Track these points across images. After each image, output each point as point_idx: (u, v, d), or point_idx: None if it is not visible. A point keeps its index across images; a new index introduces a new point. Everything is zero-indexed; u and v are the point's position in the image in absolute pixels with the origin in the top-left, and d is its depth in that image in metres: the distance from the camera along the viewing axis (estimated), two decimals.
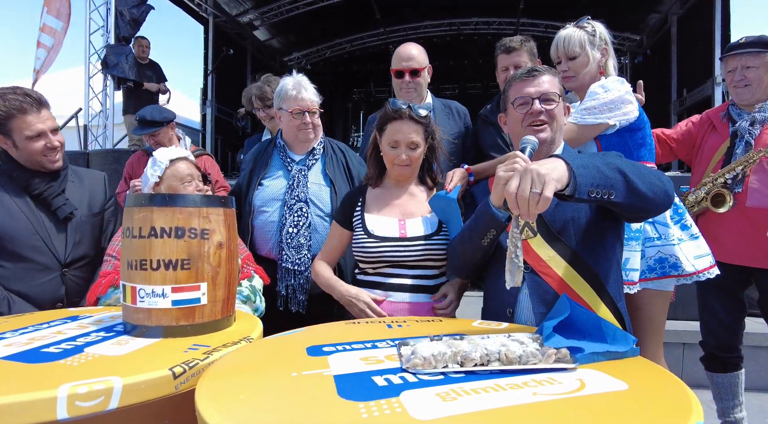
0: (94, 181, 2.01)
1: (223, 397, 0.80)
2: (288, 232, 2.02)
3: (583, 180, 1.08)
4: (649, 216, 1.36)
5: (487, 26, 9.74)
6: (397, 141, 1.64)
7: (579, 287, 1.32)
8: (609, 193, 1.11)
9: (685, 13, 7.55)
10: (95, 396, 0.84)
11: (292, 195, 2.04)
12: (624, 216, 1.34)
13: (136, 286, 1.18)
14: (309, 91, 2.08)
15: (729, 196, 2.11)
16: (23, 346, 1.08)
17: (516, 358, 0.92)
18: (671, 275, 1.75)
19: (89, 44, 6.44)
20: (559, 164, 1.09)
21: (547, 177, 1.03)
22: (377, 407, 0.74)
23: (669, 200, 1.24)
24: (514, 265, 1.13)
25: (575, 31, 1.88)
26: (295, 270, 2.01)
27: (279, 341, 1.19)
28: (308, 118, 2.07)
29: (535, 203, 1.03)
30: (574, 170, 1.08)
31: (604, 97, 1.77)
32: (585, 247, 1.35)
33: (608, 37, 1.92)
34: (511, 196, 1.06)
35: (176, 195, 1.24)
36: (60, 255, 1.80)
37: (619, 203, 1.15)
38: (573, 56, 1.87)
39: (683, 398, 0.78)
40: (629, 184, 1.14)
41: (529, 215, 1.05)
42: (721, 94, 6.44)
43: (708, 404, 2.37)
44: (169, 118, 2.85)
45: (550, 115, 1.44)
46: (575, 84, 1.92)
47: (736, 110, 2.21)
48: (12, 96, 1.72)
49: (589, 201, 1.13)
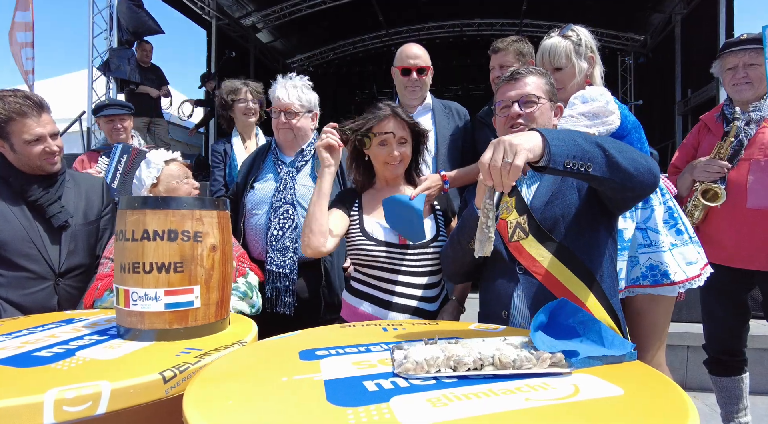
0: (91, 187, 1.98)
1: (211, 402, 0.79)
2: (273, 234, 2.01)
3: (558, 150, 1.07)
4: (637, 197, 1.31)
5: (490, 27, 9.73)
6: (386, 140, 1.64)
7: (572, 284, 1.31)
8: (587, 165, 1.10)
9: (688, 13, 7.50)
10: (83, 401, 0.83)
11: (278, 197, 2.03)
12: (612, 201, 1.32)
13: (129, 289, 1.17)
14: (287, 91, 2.06)
15: (718, 188, 2.06)
16: (15, 350, 1.07)
17: (510, 362, 0.91)
18: (663, 283, 1.72)
19: (92, 48, 6.47)
20: (533, 135, 1.09)
21: (519, 147, 1.04)
22: (366, 413, 0.73)
23: (654, 178, 1.22)
24: (484, 235, 1.14)
25: (560, 42, 1.81)
26: (281, 273, 1.98)
27: (272, 344, 1.18)
28: (283, 118, 2.07)
29: (507, 173, 1.04)
30: (549, 141, 1.07)
31: (581, 108, 1.72)
32: (577, 244, 1.34)
33: (594, 45, 1.86)
34: (485, 166, 1.07)
35: (169, 197, 1.23)
36: (54, 264, 1.77)
37: (600, 178, 1.13)
38: (559, 67, 1.81)
39: (680, 404, 0.76)
40: (608, 158, 1.12)
41: (502, 185, 1.06)
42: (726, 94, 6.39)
43: (713, 407, 2.34)
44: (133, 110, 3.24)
45: (529, 117, 1.44)
46: (563, 95, 1.82)
47: (730, 110, 2.17)
48: (12, 99, 1.71)
49: (565, 173, 1.11)
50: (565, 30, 1.85)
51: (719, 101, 6.38)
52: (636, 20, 8.55)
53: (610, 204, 1.35)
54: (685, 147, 2.35)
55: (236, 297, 1.73)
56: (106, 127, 3.10)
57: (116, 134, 3.19)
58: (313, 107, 2.15)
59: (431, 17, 9.72)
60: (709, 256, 1.86)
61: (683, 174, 2.21)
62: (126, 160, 2.73)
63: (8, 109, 1.69)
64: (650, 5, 7.95)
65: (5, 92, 1.73)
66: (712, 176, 2.08)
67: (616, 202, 1.34)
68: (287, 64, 10.48)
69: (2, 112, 1.69)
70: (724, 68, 2.20)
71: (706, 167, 2.08)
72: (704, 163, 2.10)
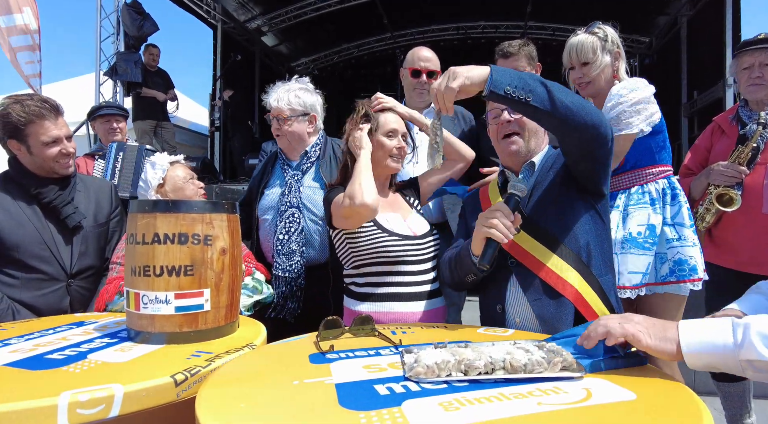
0: (100, 190, 2.01)
1: (223, 406, 0.79)
2: (278, 239, 1.99)
3: (500, 78, 1.18)
4: (586, 139, 1.27)
5: (495, 30, 9.71)
6: (394, 130, 1.70)
7: (559, 268, 1.35)
8: (526, 95, 1.17)
9: (694, 15, 7.47)
10: (96, 404, 0.84)
11: (283, 201, 2.03)
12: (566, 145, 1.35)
13: (139, 292, 1.18)
14: (277, 96, 2.06)
15: (733, 193, 2.04)
16: (28, 352, 1.08)
17: (521, 366, 0.90)
18: (689, 279, 1.74)
19: (100, 51, 6.52)
20: (480, 67, 1.21)
21: (459, 74, 1.20)
22: (378, 417, 0.73)
23: (599, 119, 1.25)
24: (433, 149, 1.36)
25: (587, 37, 1.87)
26: (287, 277, 1.97)
27: (282, 347, 1.18)
28: (275, 124, 2.08)
29: (442, 95, 1.22)
30: (492, 71, 1.19)
31: (631, 98, 1.73)
32: (558, 227, 1.38)
33: (619, 41, 1.91)
34: (432, 91, 1.26)
35: (180, 201, 1.24)
36: (66, 265, 1.80)
37: (540, 110, 1.19)
38: (586, 62, 1.86)
39: (693, 409, 0.76)
40: (549, 92, 1.19)
41: (444, 107, 1.24)
42: (733, 96, 6.35)
43: (720, 411, 2.32)
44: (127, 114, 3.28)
45: (519, 123, 1.47)
46: (592, 90, 1.90)
47: (746, 112, 2.14)
48: (30, 102, 1.75)
49: (506, 99, 1.19)
50: (591, 27, 1.91)
51: (725, 103, 6.37)
52: (641, 22, 8.52)
53: (576, 171, 1.38)
54: (697, 149, 2.33)
55: (245, 295, 1.76)
56: (102, 128, 3.11)
57: (112, 134, 3.20)
58: (308, 110, 2.09)
59: (436, 20, 9.72)
60: (721, 260, 1.85)
61: (699, 177, 2.18)
62: (122, 158, 2.78)
63: (28, 112, 1.73)
64: (655, 7, 7.93)
65: (23, 96, 1.78)
66: (729, 181, 2.05)
67: (578, 164, 1.37)
68: (292, 67, 10.51)
69: (22, 115, 1.72)
70: (740, 68, 2.17)
71: (724, 171, 2.05)
72: (722, 167, 2.07)
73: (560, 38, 9.43)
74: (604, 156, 1.34)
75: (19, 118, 1.72)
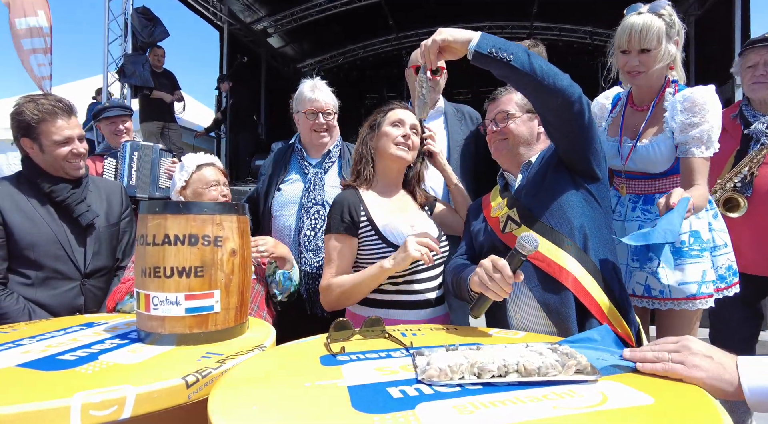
0: (111, 191, 2.03)
1: (236, 408, 0.79)
2: (306, 235, 2.03)
3: (485, 41, 1.28)
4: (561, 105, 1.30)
5: (500, 31, 9.67)
6: (401, 120, 1.69)
7: (556, 256, 1.35)
8: (508, 57, 1.26)
9: (703, 14, 7.42)
10: (109, 405, 0.83)
11: (309, 198, 2.05)
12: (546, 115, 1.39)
13: (149, 293, 1.18)
14: (323, 92, 2.11)
15: (741, 198, 2.02)
16: (40, 353, 1.08)
17: (535, 369, 0.89)
18: (733, 283, 1.71)
19: (107, 53, 6.57)
20: (469, 31, 1.31)
21: (445, 33, 1.32)
22: (393, 420, 0.72)
23: (571, 86, 1.29)
24: (420, 100, 1.43)
25: (653, 21, 1.59)
26: (314, 273, 2.00)
27: (292, 349, 1.18)
28: (321, 119, 2.10)
29: (426, 48, 1.33)
30: (481, 34, 1.29)
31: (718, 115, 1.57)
32: (551, 211, 1.40)
33: (681, 26, 1.68)
34: (421, 49, 1.37)
35: (190, 202, 1.24)
36: (80, 265, 1.82)
37: (519, 71, 1.26)
38: (647, 49, 1.61)
39: (711, 413, 0.75)
40: (530, 59, 1.27)
41: (429, 60, 1.34)
42: (742, 96, 6.30)
43: None
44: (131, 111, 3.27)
45: (503, 132, 1.57)
46: (643, 81, 1.69)
47: (750, 111, 2.11)
48: (44, 100, 1.77)
49: (489, 59, 1.27)
50: (656, 7, 1.63)
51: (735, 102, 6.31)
52: None
53: (563, 152, 1.42)
54: None
55: (292, 285, 1.84)
56: (108, 130, 3.09)
57: (119, 135, 3.21)
58: (337, 109, 2.22)
59: (441, 20, 9.66)
60: None
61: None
62: (137, 157, 2.77)
63: (41, 111, 1.75)
64: None
65: (37, 96, 1.81)
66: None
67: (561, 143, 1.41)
68: (298, 68, 10.54)
69: (35, 113, 1.74)
70: (745, 66, 2.15)
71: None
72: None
73: (566, 39, 9.40)
74: (582, 129, 1.35)
75: (33, 116, 1.74)
